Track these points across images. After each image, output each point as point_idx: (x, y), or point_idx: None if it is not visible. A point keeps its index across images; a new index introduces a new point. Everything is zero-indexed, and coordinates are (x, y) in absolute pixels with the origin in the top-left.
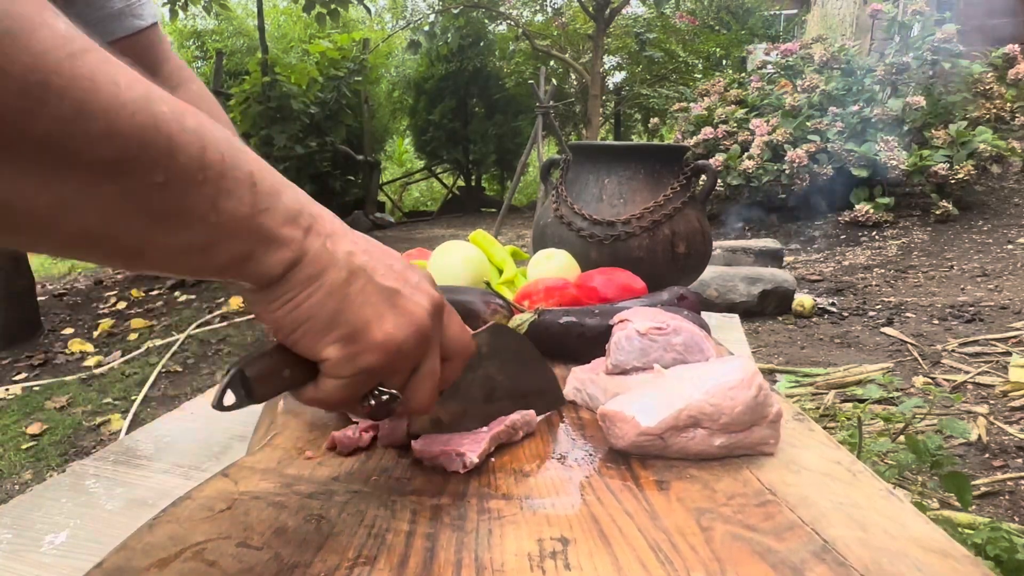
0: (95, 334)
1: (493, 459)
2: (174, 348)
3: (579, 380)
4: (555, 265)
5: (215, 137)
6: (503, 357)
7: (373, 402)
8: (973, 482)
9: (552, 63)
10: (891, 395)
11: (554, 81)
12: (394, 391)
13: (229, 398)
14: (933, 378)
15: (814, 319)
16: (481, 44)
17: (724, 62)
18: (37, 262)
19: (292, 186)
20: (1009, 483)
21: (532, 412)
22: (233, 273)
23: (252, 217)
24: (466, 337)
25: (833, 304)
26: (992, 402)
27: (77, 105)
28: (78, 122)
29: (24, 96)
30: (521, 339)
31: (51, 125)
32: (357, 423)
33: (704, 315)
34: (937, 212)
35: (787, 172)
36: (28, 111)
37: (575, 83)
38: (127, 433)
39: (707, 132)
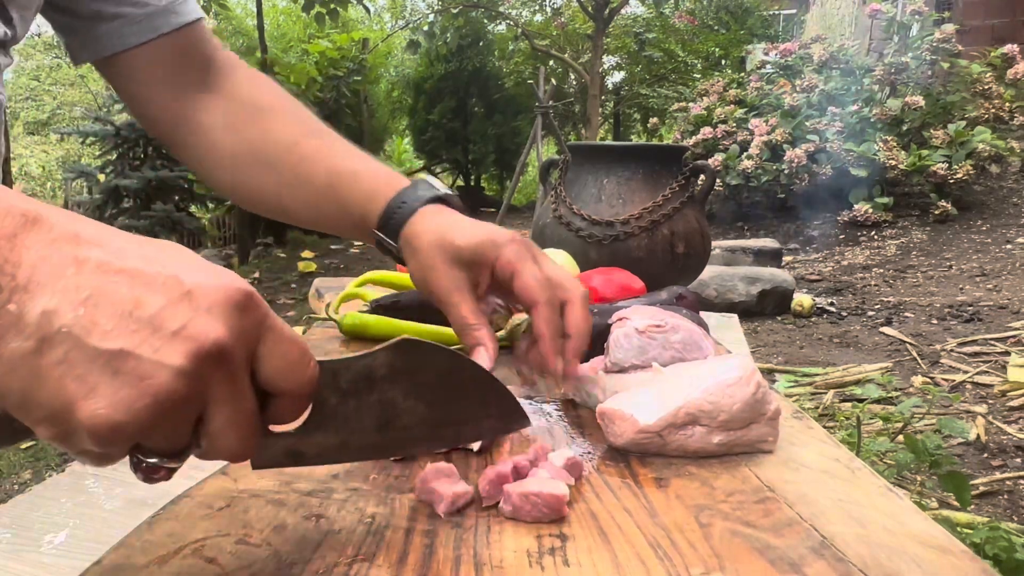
0: None
1: (491, 456)
2: None
3: (578, 378)
4: None
5: None
6: (417, 379)
7: (138, 473)
8: (972, 482)
9: (551, 63)
10: (890, 395)
11: (553, 81)
12: (154, 460)
13: None
14: (932, 378)
15: (813, 319)
16: (480, 44)
17: (723, 62)
18: None
19: None
20: (1008, 482)
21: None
22: None
23: None
24: (298, 371)
25: (832, 304)
26: (991, 402)
27: None
28: None
29: None
30: (452, 357)
31: None
32: None
33: (703, 315)
34: (936, 212)
35: (786, 172)
36: None
37: (574, 83)
38: None
39: (706, 132)
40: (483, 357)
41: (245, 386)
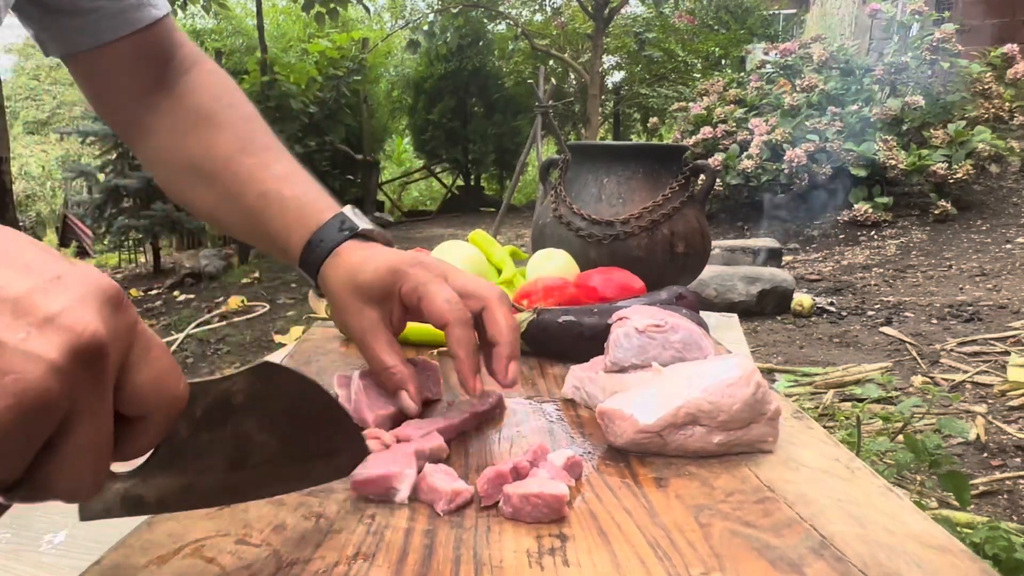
0: None
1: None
2: (173, 347)
3: (577, 378)
4: (554, 265)
5: None
6: (272, 408)
7: None
8: (971, 481)
9: (551, 62)
10: (890, 395)
11: (553, 81)
12: None
13: None
14: (932, 377)
15: (813, 319)
16: (480, 44)
17: (723, 62)
18: None
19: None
20: (1007, 482)
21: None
22: None
23: None
24: (171, 386)
25: (832, 304)
26: (991, 401)
27: None
28: None
29: None
30: (306, 382)
31: None
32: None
33: (703, 315)
34: (936, 212)
35: (786, 172)
36: None
37: (574, 83)
38: None
39: (706, 132)
40: (407, 401)
41: (109, 402)
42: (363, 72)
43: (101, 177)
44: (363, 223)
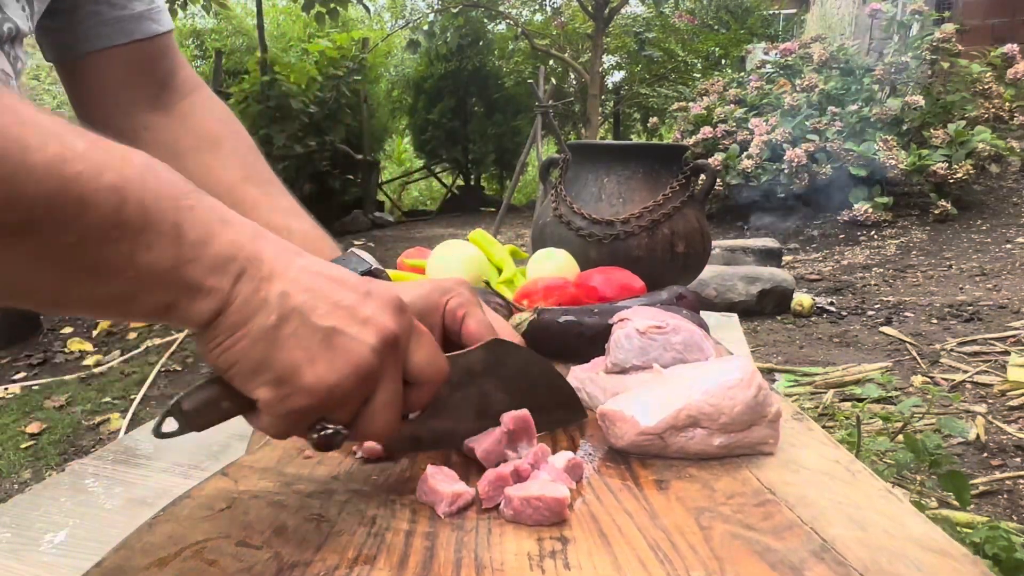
0: (94, 333)
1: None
2: (173, 347)
3: (578, 379)
4: (554, 264)
5: (139, 190)
6: (503, 374)
7: (316, 436)
8: (971, 481)
9: (551, 62)
10: (890, 394)
11: (553, 80)
12: (337, 427)
13: (169, 426)
14: (932, 377)
15: (813, 318)
16: (480, 43)
17: (723, 61)
18: None
19: (235, 226)
20: (1007, 482)
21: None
22: (159, 319)
23: (175, 269)
24: (437, 363)
25: (832, 303)
26: (990, 401)
27: None
28: None
29: None
30: (530, 354)
31: None
32: None
33: (703, 314)
34: (936, 212)
35: (786, 171)
36: None
37: (574, 82)
38: (126, 432)
39: (706, 131)
40: None
41: (400, 372)
42: (363, 72)
43: None
44: (372, 263)
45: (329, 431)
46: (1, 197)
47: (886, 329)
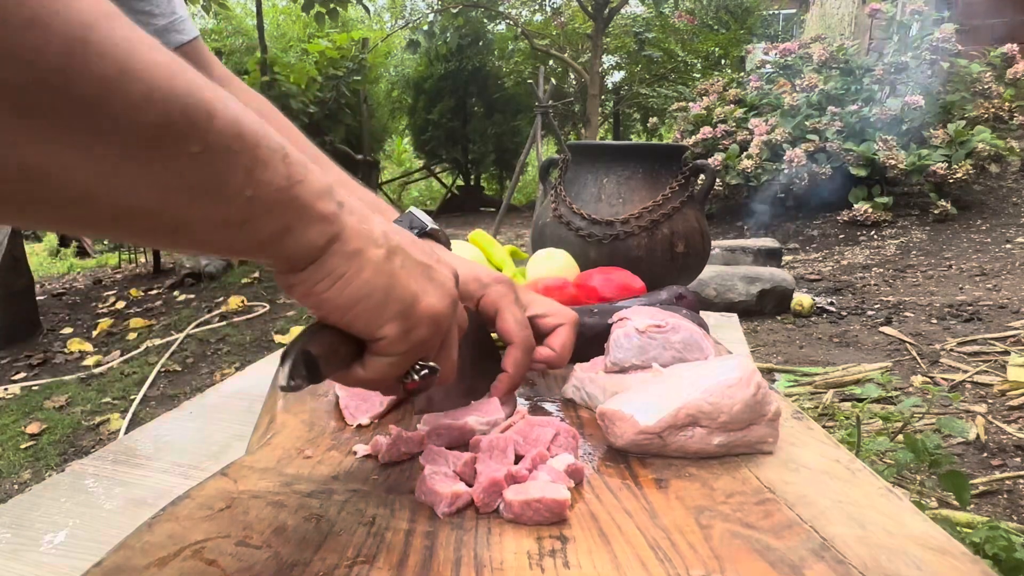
0: (94, 333)
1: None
2: (173, 347)
3: (578, 379)
4: (554, 265)
5: (244, 109)
6: (469, 338)
7: (416, 377)
8: (971, 481)
9: (551, 62)
10: (890, 394)
11: (553, 80)
12: (432, 364)
13: (295, 377)
14: (931, 377)
15: (813, 318)
16: (480, 44)
17: (723, 61)
18: (36, 261)
19: (317, 165)
20: (1007, 482)
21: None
22: (274, 248)
23: (288, 189)
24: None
25: (832, 303)
26: (990, 401)
27: (119, 65)
28: (120, 83)
29: (66, 54)
30: (474, 315)
31: (93, 86)
32: (389, 434)
33: (703, 314)
34: (936, 211)
35: (786, 172)
36: (70, 70)
37: (574, 82)
38: (126, 432)
39: (706, 131)
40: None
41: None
42: (363, 72)
43: None
44: (430, 223)
45: (427, 370)
46: (140, 92)
47: (886, 329)
